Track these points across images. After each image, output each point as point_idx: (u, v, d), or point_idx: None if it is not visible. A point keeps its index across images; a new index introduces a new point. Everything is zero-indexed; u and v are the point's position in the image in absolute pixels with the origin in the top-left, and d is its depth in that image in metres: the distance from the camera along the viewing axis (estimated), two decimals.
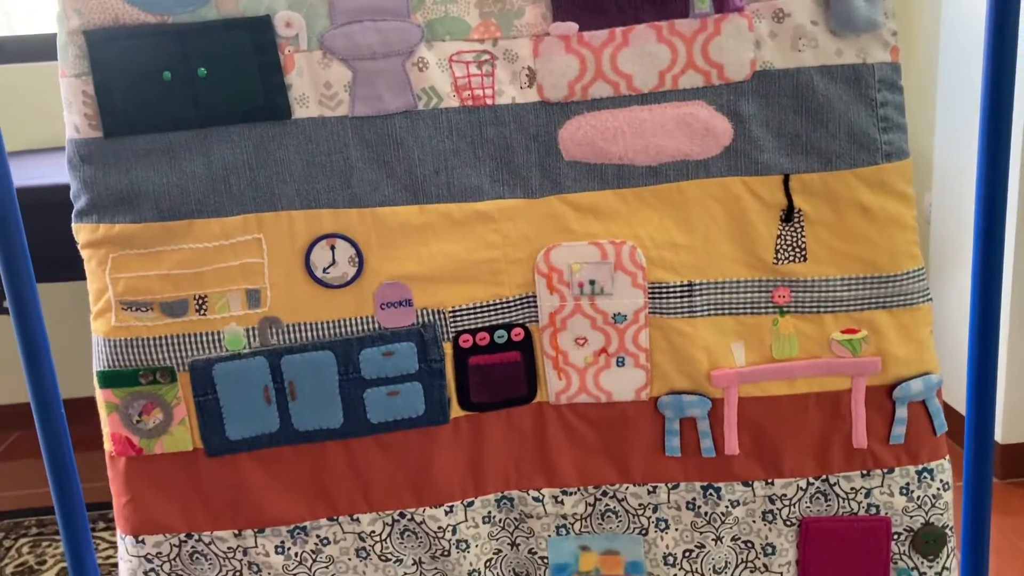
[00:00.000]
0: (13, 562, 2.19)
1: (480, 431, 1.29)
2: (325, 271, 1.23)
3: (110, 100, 1.16)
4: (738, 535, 1.32)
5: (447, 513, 1.30)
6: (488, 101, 1.21)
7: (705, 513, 1.31)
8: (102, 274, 1.21)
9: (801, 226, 1.23)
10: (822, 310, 1.25)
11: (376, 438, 1.28)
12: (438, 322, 1.25)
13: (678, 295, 1.25)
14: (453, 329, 1.26)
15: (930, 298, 1.25)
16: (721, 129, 1.21)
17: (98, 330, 1.24)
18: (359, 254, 1.23)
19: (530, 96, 1.21)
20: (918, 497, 1.29)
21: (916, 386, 1.26)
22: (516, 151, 1.22)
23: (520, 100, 1.21)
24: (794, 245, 1.23)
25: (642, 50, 1.19)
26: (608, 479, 1.31)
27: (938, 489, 1.29)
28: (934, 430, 1.28)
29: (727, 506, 1.30)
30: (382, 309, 1.24)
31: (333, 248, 1.22)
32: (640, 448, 1.30)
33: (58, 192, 1.36)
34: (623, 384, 1.28)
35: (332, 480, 1.29)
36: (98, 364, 1.25)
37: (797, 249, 1.24)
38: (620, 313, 1.26)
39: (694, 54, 1.19)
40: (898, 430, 1.27)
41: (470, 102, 1.21)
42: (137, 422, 1.25)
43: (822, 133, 1.20)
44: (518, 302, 1.26)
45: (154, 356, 1.23)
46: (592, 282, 1.25)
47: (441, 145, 1.21)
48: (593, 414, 1.29)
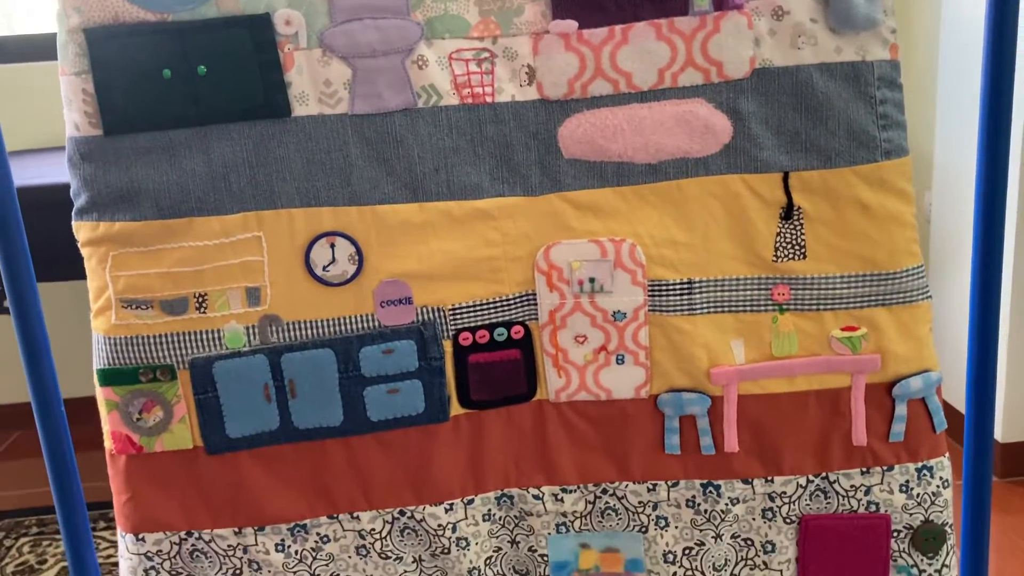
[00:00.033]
0: (14, 561, 2.19)
1: (480, 429, 1.29)
2: (325, 269, 1.23)
3: (110, 98, 1.16)
4: (738, 533, 1.32)
5: (447, 511, 1.30)
6: (488, 99, 1.21)
7: (705, 511, 1.31)
8: (102, 272, 1.21)
9: (800, 224, 1.23)
10: (822, 307, 1.25)
11: (376, 436, 1.28)
12: (438, 320, 1.25)
13: (678, 293, 1.25)
14: (453, 327, 1.26)
15: (929, 295, 1.25)
16: (720, 127, 1.21)
17: (98, 328, 1.24)
18: (359, 252, 1.23)
19: (530, 94, 1.21)
20: (918, 495, 1.29)
21: (916, 383, 1.26)
22: (516, 149, 1.22)
23: (520, 98, 1.21)
24: (794, 243, 1.23)
25: (641, 48, 1.19)
26: (608, 477, 1.31)
27: (938, 487, 1.29)
28: (934, 427, 1.28)
29: (727, 504, 1.30)
30: (382, 307, 1.24)
31: (333, 246, 1.23)
32: (640, 446, 1.30)
33: (58, 191, 1.36)
34: (623, 382, 1.28)
35: (332, 478, 1.29)
36: (98, 362, 1.25)
37: (797, 247, 1.24)
38: (620, 311, 1.26)
39: (693, 52, 1.19)
40: (898, 427, 1.27)
41: (470, 100, 1.21)
42: (137, 420, 1.25)
43: (821, 131, 1.20)
44: (518, 300, 1.26)
45: (154, 354, 1.23)
46: (592, 280, 1.25)
47: (441, 143, 1.21)
48: (593, 412, 1.30)
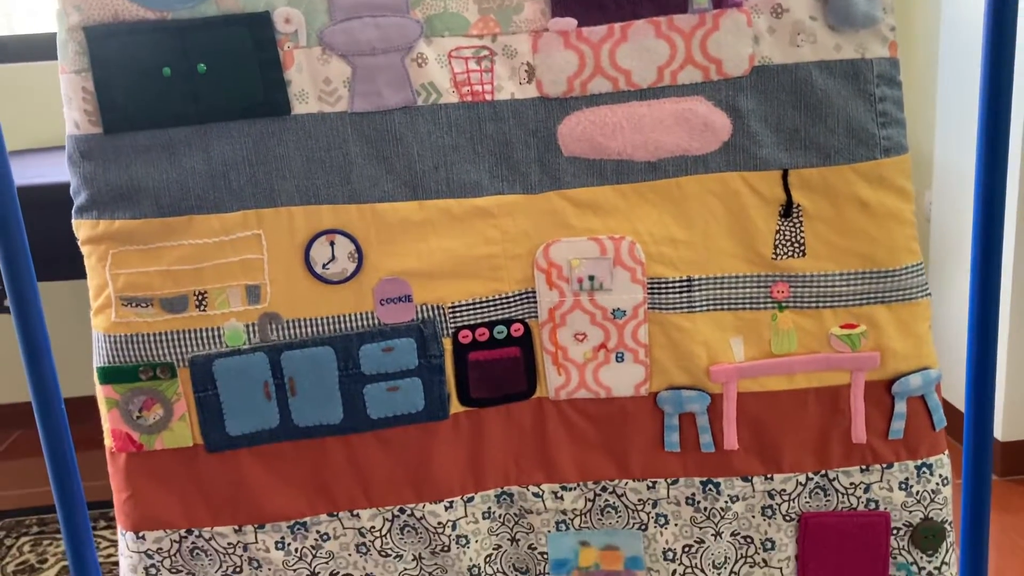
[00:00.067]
0: (14, 560, 2.19)
1: (480, 427, 1.29)
2: (325, 267, 1.23)
3: (110, 96, 1.16)
4: (737, 530, 1.32)
5: (447, 509, 1.30)
6: (487, 97, 1.21)
7: (704, 508, 1.31)
8: (102, 270, 1.22)
9: (800, 221, 1.23)
10: (821, 305, 1.25)
11: (376, 434, 1.28)
12: (438, 318, 1.25)
13: (677, 290, 1.25)
14: (453, 325, 1.26)
15: (929, 293, 1.25)
16: (720, 124, 1.21)
17: (98, 326, 1.24)
18: (359, 250, 1.23)
19: (529, 92, 1.21)
20: (917, 492, 1.29)
21: (915, 381, 1.26)
22: (515, 147, 1.22)
23: (519, 96, 1.21)
24: (793, 240, 1.24)
25: (641, 46, 1.19)
26: (607, 475, 1.31)
27: (937, 484, 1.29)
28: (933, 425, 1.28)
29: (726, 501, 1.30)
30: (382, 305, 1.25)
31: (332, 244, 1.23)
32: (639, 443, 1.30)
33: (59, 190, 1.36)
34: (622, 379, 1.28)
35: (332, 476, 1.29)
36: (98, 360, 1.25)
37: (796, 244, 1.24)
38: (619, 309, 1.26)
39: (693, 49, 1.19)
40: (897, 425, 1.27)
41: (469, 98, 1.21)
42: (137, 418, 1.25)
43: (821, 128, 1.20)
44: (517, 298, 1.26)
45: (154, 352, 1.23)
46: (591, 278, 1.25)
47: (440, 141, 1.21)
48: (592, 410, 1.30)
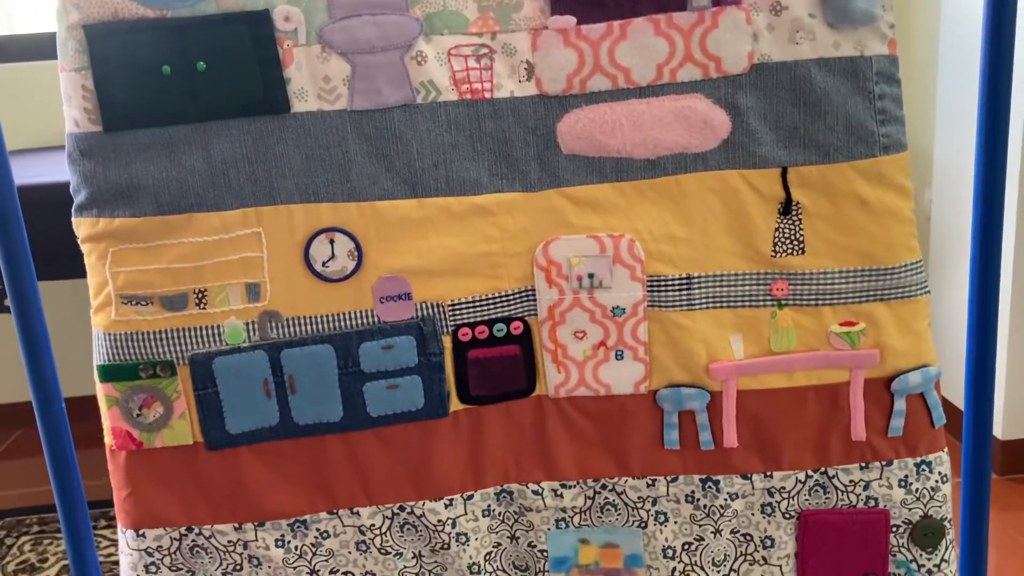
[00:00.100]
0: (15, 560, 2.19)
1: (479, 424, 1.30)
2: (324, 265, 1.23)
3: (109, 94, 1.17)
4: (737, 528, 1.32)
5: (447, 506, 1.30)
6: (487, 95, 1.21)
7: (704, 506, 1.31)
8: (102, 268, 1.22)
9: (799, 219, 1.23)
10: (820, 303, 1.25)
11: (376, 431, 1.28)
12: (437, 316, 1.26)
13: (676, 288, 1.25)
14: (452, 322, 1.26)
15: (928, 290, 1.25)
16: (719, 122, 1.21)
17: (98, 324, 1.24)
18: (358, 248, 1.23)
19: (528, 89, 1.21)
20: (916, 489, 1.29)
21: (914, 378, 1.26)
22: (515, 144, 1.22)
23: (519, 93, 1.21)
24: (792, 238, 1.24)
25: (640, 43, 1.20)
26: (607, 472, 1.31)
27: (936, 482, 1.29)
28: (932, 422, 1.28)
29: (726, 499, 1.30)
30: (381, 303, 1.25)
31: (332, 242, 1.23)
32: (639, 441, 1.30)
33: (59, 190, 1.36)
34: (622, 377, 1.28)
35: (332, 473, 1.29)
36: (98, 358, 1.25)
37: (795, 242, 1.24)
38: (619, 306, 1.26)
39: (692, 47, 1.19)
40: (896, 422, 1.27)
41: (468, 96, 1.21)
42: (137, 416, 1.25)
43: (820, 126, 1.20)
44: (517, 295, 1.27)
45: (154, 350, 1.23)
46: (591, 275, 1.25)
47: (440, 139, 1.21)
48: (592, 407, 1.30)
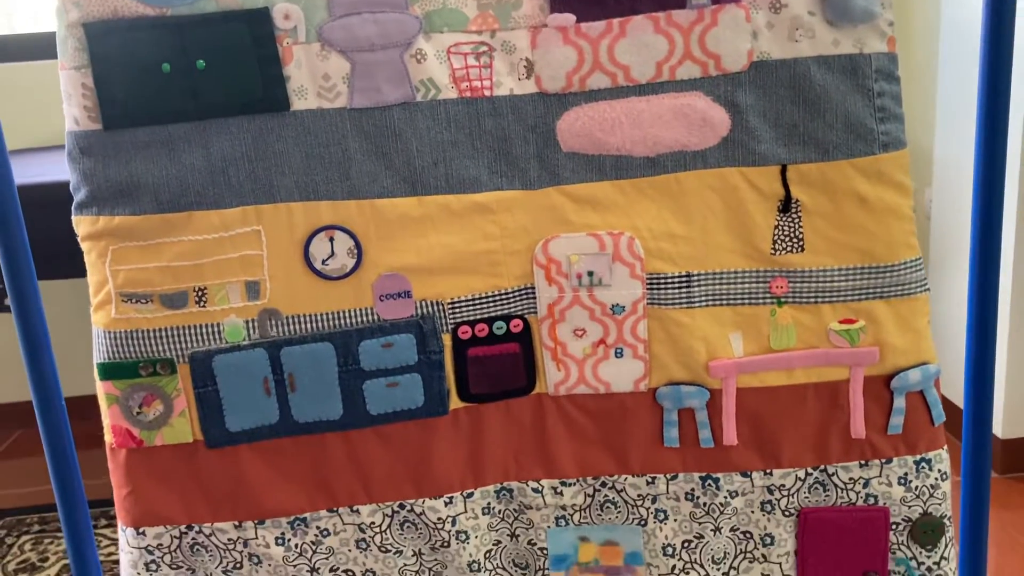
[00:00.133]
0: (16, 559, 2.20)
1: (479, 422, 1.30)
2: (324, 263, 1.23)
3: (109, 92, 1.17)
4: (737, 525, 1.32)
5: (447, 504, 1.30)
6: (486, 92, 1.21)
7: (704, 504, 1.31)
8: (102, 266, 1.22)
9: (799, 216, 1.23)
10: (820, 300, 1.25)
11: (375, 429, 1.28)
12: (437, 313, 1.26)
13: (676, 286, 1.25)
14: (452, 320, 1.26)
15: (927, 288, 1.25)
16: (719, 120, 1.21)
17: (98, 322, 1.24)
18: (358, 246, 1.23)
19: (528, 87, 1.22)
20: (916, 487, 1.29)
21: (914, 376, 1.26)
22: (514, 142, 1.22)
23: (518, 91, 1.21)
24: (792, 235, 1.24)
25: (639, 41, 1.20)
26: (607, 470, 1.31)
27: (936, 479, 1.29)
28: (932, 420, 1.28)
29: (726, 496, 1.30)
30: (381, 301, 1.25)
31: (332, 240, 1.23)
32: (639, 439, 1.30)
33: (59, 189, 1.36)
34: (622, 375, 1.28)
35: (332, 471, 1.29)
36: (98, 356, 1.25)
37: (795, 239, 1.24)
38: (618, 304, 1.26)
39: (691, 45, 1.19)
40: (896, 420, 1.27)
41: (468, 94, 1.21)
42: (137, 414, 1.25)
43: (819, 123, 1.20)
44: (517, 293, 1.27)
45: (154, 348, 1.23)
46: (590, 273, 1.25)
47: (439, 137, 1.21)
48: (592, 405, 1.30)
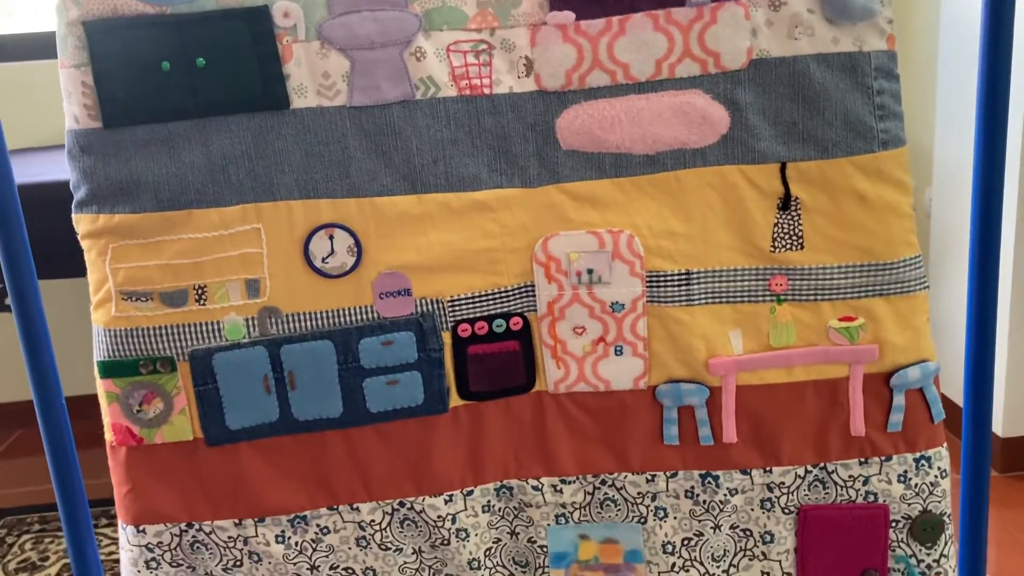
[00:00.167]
0: (16, 558, 2.20)
1: (479, 420, 1.30)
2: (324, 261, 1.23)
3: (109, 90, 1.17)
4: (736, 523, 1.32)
5: (447, 502, 1.31)
6: (486, 91, 1.21)
7: (704, 501, 1.31)
8: (102, 264, 1.22)
9: (798, 214, 1.23)
10: (819, 298, 1.25)
11: (376, 427, 1.28)
12: (437, 311, 1.26)
13: (676, 284, 1.25)
14: (452, 318, 1.26)
15: (927, 285, 1.26)
16: (718, 117, 1.21)
17: (98, 320, 1.24)
18: (358, 244, 1.23)
19: (528, 85, 1.22)
20: (916, 485, 1.29)
21: (913, 373, 1.26)
22: (514, 140, 1.23)
23: (518, 89, 1.22)
24: (791, 233, 1.24)
25: (639, 39, 1.20)
26: (607, 468, 1.31)
27: (936, 477, 1.29)
28: (931, 418, 1.28)
29: (725, 494, 1.30)
30: (381, 299, 1.25)
31: (332, 238, 1.23)
32: (638, 437, 1.30)
33: (59, 188, 1.36)
34: (621, 373, 1.28)
35: (332, 469, 1.29)
36: (98, 354, 1.25)
37: (794, 237, 1.24)
38: (618, 302, 1.26)
39: (691, 43, 1.20)
40: (896, 418, 1.27)
41: (468, 92, 1.21)
42: (137, 412, 1.26)
43: (819, 121, 1.20)
44: (516, 291, 1.27)
45: (154, 346, 1.24)
46: (590, 271, 1.25)
47: (439, 135, 1.21)
48: (592, 403, 1.30)
